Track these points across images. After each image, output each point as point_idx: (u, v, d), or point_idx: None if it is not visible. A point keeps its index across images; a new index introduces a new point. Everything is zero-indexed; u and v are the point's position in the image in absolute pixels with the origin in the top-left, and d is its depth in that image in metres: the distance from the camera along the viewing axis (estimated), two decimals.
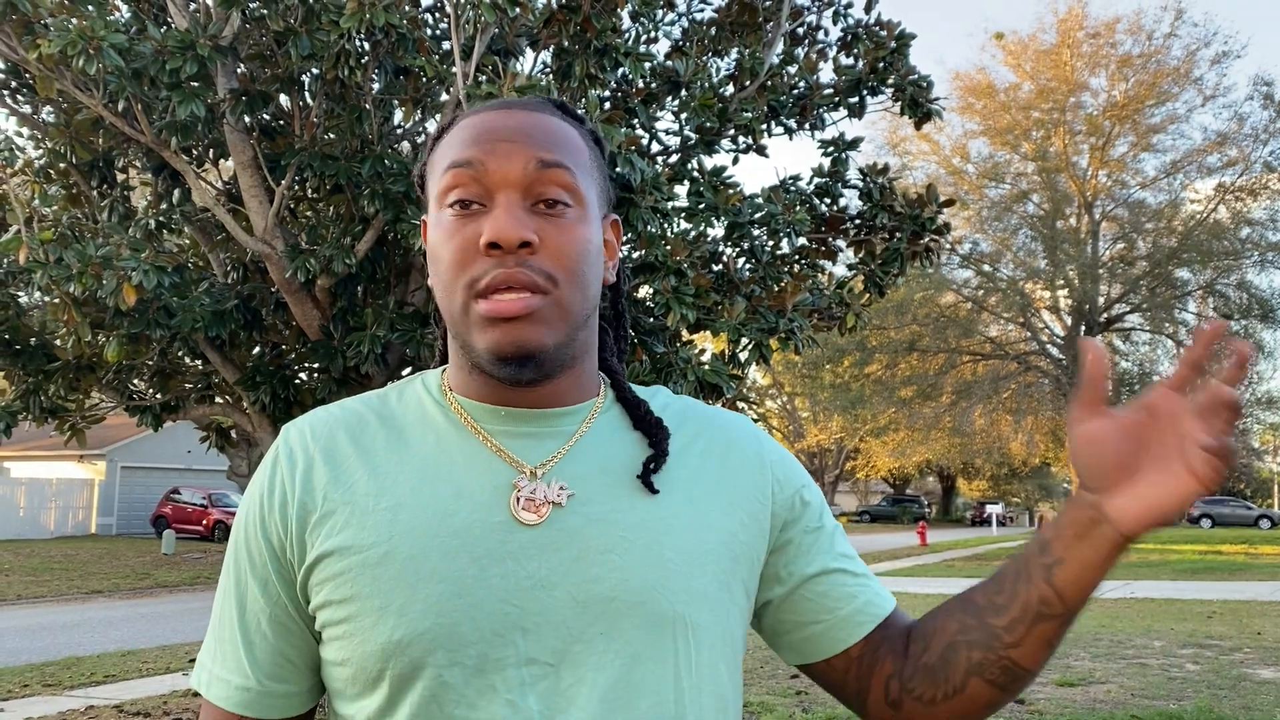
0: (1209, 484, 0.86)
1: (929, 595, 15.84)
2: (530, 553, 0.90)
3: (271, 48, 5.38)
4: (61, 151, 5.77)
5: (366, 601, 0.89)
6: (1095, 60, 27.56)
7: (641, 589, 0.91)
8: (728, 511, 0.98)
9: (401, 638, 0.88)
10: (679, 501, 0.96)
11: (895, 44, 6.55)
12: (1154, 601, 14.57)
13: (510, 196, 0.92)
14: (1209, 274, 26.46)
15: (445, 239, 0.93)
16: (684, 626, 0.92)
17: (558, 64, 5.61)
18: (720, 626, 0.95)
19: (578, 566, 0.90)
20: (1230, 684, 7.63)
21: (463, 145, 0.95)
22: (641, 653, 0.90)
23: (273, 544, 0.95)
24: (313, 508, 0.94)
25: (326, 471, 0.95)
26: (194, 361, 6.40)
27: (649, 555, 0.92)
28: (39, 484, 28.74)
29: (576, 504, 0.93)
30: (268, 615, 0.96)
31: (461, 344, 0.95)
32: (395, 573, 0.89)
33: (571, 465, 0.95)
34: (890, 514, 52.89)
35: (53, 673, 8.81)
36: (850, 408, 29.44)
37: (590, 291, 0.96)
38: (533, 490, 0.92)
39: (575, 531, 0.92)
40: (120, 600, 15.36)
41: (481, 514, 0.91)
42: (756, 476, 1.02)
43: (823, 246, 6.56)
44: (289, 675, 0.97)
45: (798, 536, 1.02)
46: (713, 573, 0.94)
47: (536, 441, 0.96)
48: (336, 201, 5.82)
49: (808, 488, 1.06)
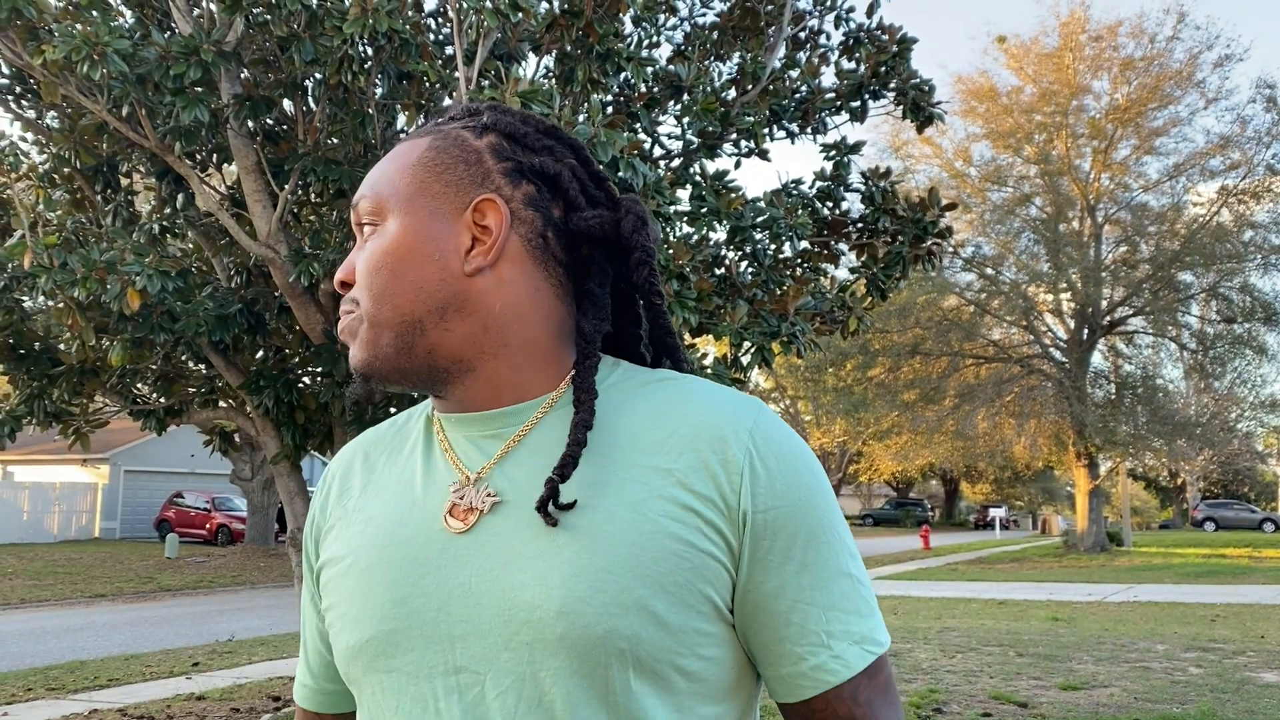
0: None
1: (932, 599, 15.82)
2: (463, 560, 0.89)
3: (275, 53, 5.40)
4: (66, 156, 5.79)
5: (336, 610, 0.96)
6: (1098, 63, 27.56)
7: (566, 599, 0.84)
8: (685, 517, 0.86)
9: (354, 643, 0.93)
10: (622, 504, 0.87)
11: (897, 48, 6.56)
12: (1157, 605, 14.55)
13: (360, 236, 1.00)
14: (1212, 277, 26.41)
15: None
16: (616, 641, 0.83)
17: (560, 69, 5.63)
18: (673, 646, 0.85)
19: (504, 574, 0.87)
20: (1234, 688, 7.62)
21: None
22: (566, 667, 0.84)
23: (310, 560, 1.05)
24: (323, 524, 1.04)
25: (337, 490, 1.04)
26: (197, 366, 6.42)
27: (578, 563, 0.85)
28: (43, 488, 28.76)
29: (509, 509, 0.89)
30: (314, 623, 1.08)
31: None
32: (354, 582, 0.95)
33: (509, 468, 0.92)
34: (893, 517, 52.85)
35: (56, 676, 8.82)
36: (853, 411, 29.41)
37: (388, 295, 0.93)
38: (461, 496, 0.92)
39: (505, 537, 0.88)
40: (124, 604, 15.37)
41: (428, 521, 0.93)
42: (728, 479, 0.88)
43: (825, 250, 6.56)
44: (336, 675, 1.06)
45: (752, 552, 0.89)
46: (659, 584, 0.84)
47: (481, 445, 0.95)
48: (339, 206, 5.83)
49: (796, 501, 0.90)
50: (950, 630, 11.45)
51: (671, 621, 0.85)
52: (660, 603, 0.84)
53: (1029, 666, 8.70)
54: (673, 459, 0.89)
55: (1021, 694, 7.43)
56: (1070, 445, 27.74)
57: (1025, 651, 9.55)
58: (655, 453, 0.90)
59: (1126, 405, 27.33)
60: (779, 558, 0.89)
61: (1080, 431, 26.29)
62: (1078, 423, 26.08)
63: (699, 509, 0.87)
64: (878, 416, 28.85)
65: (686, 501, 0.87)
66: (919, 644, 10.14)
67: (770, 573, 0.88)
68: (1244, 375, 28.71)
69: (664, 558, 0.85)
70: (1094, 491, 28.18)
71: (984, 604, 15.07)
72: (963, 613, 13.80)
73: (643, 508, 0.87)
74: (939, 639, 10.56)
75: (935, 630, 11.43)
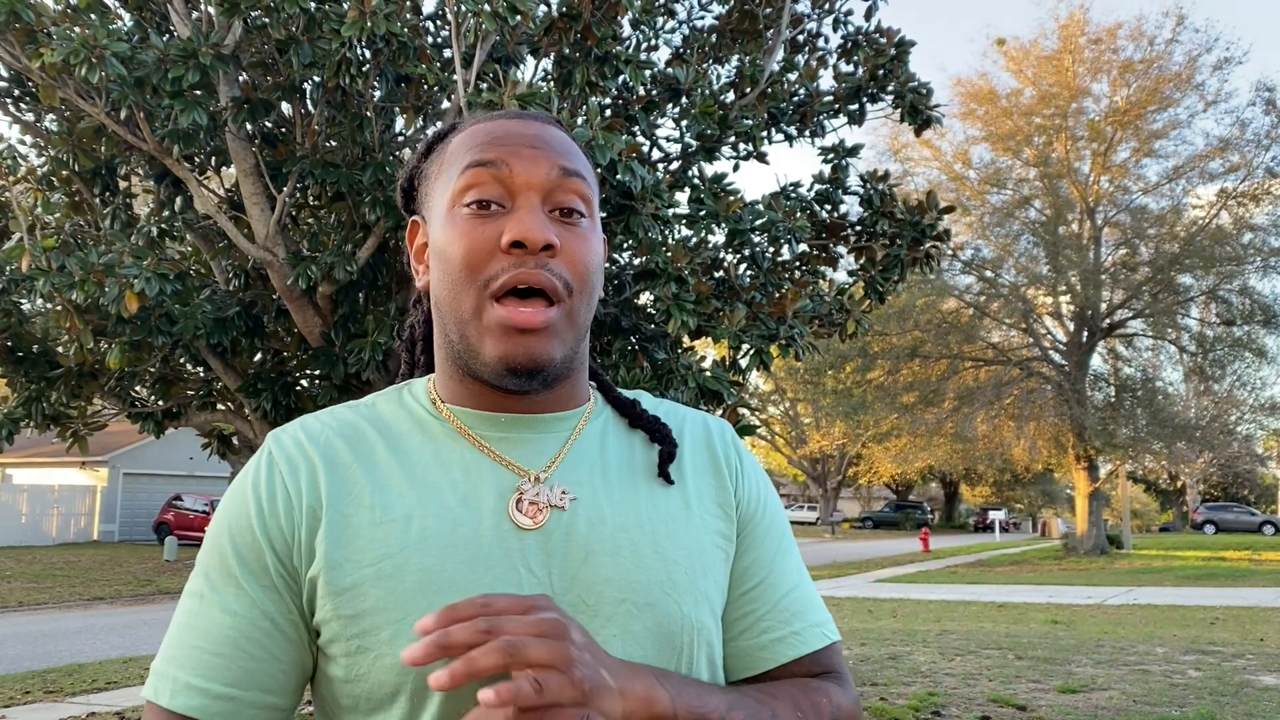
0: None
1: (932, 602, 15.82)
2: (539, 558, 0.90)
3: (273, 56, 5.40)
4: (64, 159, 5.79)
5: (381, 615, 0.86)
6: (1097, 66, 27.58)
7: (650, 589, 0.91)
8: (718, 513, 1.00)
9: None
10: (676, 503, 0.97)
11: (895, 51, 6.57)
12: (1156, 608, 14.55)
13: (533, 199, 0.92)
14: (1212, 280, 26.41)
15: (458, 237, 0.92)
16: (690, 627, 0.92)
17: (558, 72, 5.63)
18: (717, 634, 0.97)
19: (586, 570, 0.90)
20: (1232, 691, 7.61)
21: (483, 147, 0.95)
22: (651, 654, 0.90)
23: (275, 548, 0.90)
24: (320, 514, 0.91)
25: (330, 479, 0.92)
26: (195, 368, 6.42)
27: (655, 557, 0.92)
28: (41, 490, 28.74)
29: (579, 507, 0.93)
30: (261, 621, 0.90)
31: (464, 349, 0.94)
32: (411, 584, 0.87)
33: (571, 468, 0.95)
34: (893, 520, 52.86)
35: (55, 679, 8.81)
36: (852, 414, 29.41)
37: (595, 302, 0.97)
38: (535, 494, 0.92)
39: (580, 535, 0.92)
40: (122, 607, 15.36)
41: (490, 520, 0.91)
42: (730, 479, 1.03)
43: (823, 253, 6.57)
44: (274, 687, 0.91)
45: (741, 541, 1.02)
46: (712, 575, 0.96)
47: (536, 447, 0.96)
48: (338, 209, 5.83)
49: (765, 495, 1.06)
50: (949, 633, 11.44)
51: (718, 608, 0.97)
52: (714, 592, 0.96)
53: (1028, 669, 8.69)
54: (700, 463, 1.02)
55: (1020, 697, 7.42)
56: (1070, 448, 27.74)
57: (1024, 654, 9.55)
58: (687, 463, 1.01)
59: (1126, 408, 27.32)
60: (756, 540, 1.02)
61: (1080, 434, 26.29)
62: (1077, 425, 26.08)
63: (724, 506, 1.01)
64: (877, 419, 28.86)
65: (718, 499, 1.00)
66: (918, 647, 10.13)
67: (748, 552, 1.01)
68: (1244, 378, 28.69)
69: (712, 551, 0.97)
70: (1094, 494, 28.18)
71: (983, 607, 15.06)
72: (962, 615, 13.79)
73: (691, 508, 0.98)
74: (938, 642, 10.55)
75: (934, 633, 11.42)
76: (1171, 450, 27.64)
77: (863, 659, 9.28)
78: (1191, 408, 29.80)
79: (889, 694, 7.48)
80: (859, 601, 15.97)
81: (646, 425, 1.01)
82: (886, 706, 6.94)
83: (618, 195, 4.96)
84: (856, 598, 16.64)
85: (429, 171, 1.02)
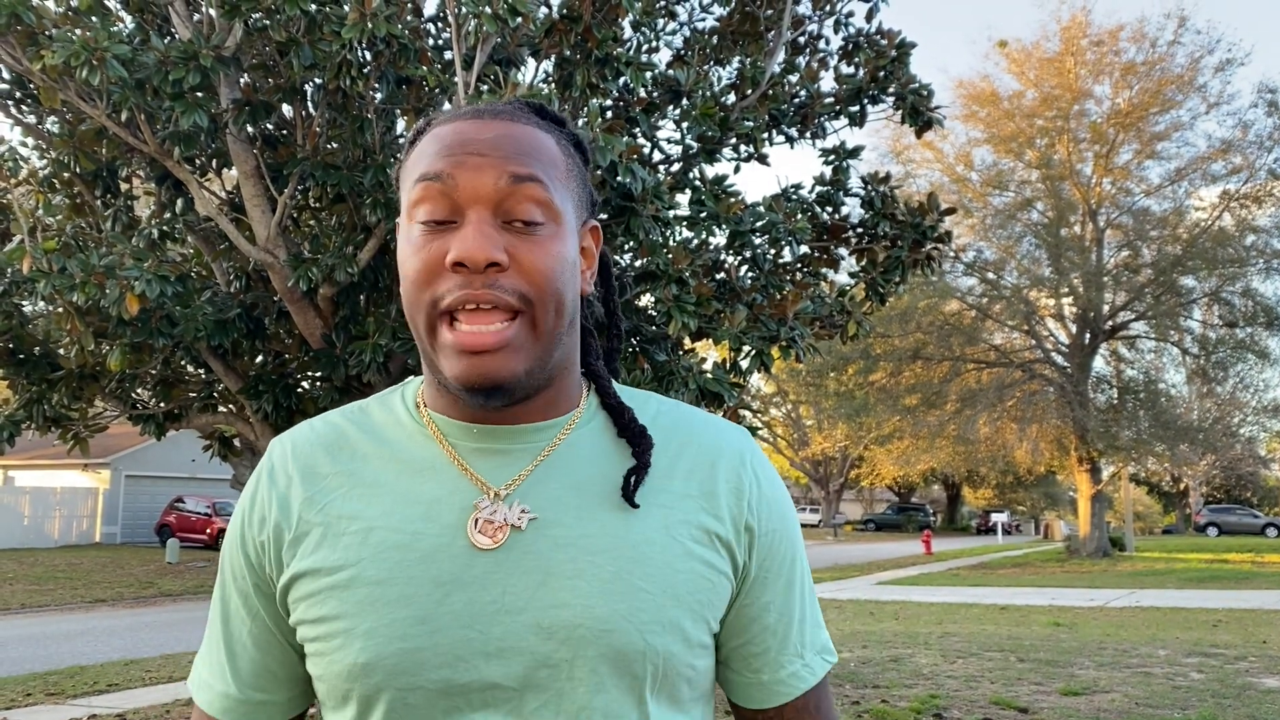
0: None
1: (934, 604, 15.81)
2: (495, 577, 0.88)
3: (274, 58, 5.41)
4: (65, 161, 5.80)
5: (334, 623, 0.89)
6: (1099, 68, 27.56)
7: (609, 618, 0.88)
8: (706, 540, 0.93)
9: (366, 661, 0.87)
10: (655, 526, 0.92)
11: (896, 53, 6.57)
12: (1159, 610, 14.52)
13: (481, 213, 0.88)
14: (1214, 281, 26.37)
15: (411, 254, 0.90)
16: (653, 657, 0.89)
17: (559, 73, 5.63)
18: (690, 660, 0.92)
19: (543, 592, 0.88)
20: (1235, 693, 7.60)
21: (433, 156, 0.91)
22: (605, 682, 0.88)
23: (251, 561, 0.96)
24: (287, 527, 0.94)
25: (303, 491, 0.95)
26: (197, 370, 6.42)
27: (618, 583, 0.89)
28: (43, 493, 28.77)
29: (542, 526, 0.90)
30: (249, 628, 0.98)
31: (429, 364, 0.93)
32: (362, 596, 0.88)
33: (541, 484, 0.92)
34: (895, 522, 52.83)
35: (56, 681, 8.81)
36: (854, 416, 29.36)
37: (565, 308, 0.92)
38: (492, 512, 0.90)
39: (541, 555, 0.89)
40: (124, 609, 15.36)
41: (447, 536, 0.90)
42: (735, 502, 0.96)
43: (824, 255, 6.57)
44: (269, 685, 0.99)
45: (754, 572, 0.97)
46: (687, 604, 0.91)
47: (506, 460, 0.93)
48: (339, 210, 5.84)
49: (785, 524, 1.00)
50: (951, 635, 11.43)
51: (692, 638, 0.92)
52: (687, 621, 0.91)
53: (1030, 672, 8.68)
54: (694, 484, 0.95)
55: (1022, 699, 7.41)
56: (1072, 450, 27.70)
57: (1026, 657, 9.53)
58: (678, 478, 0.95)
59: (1129, 410, 27.28)
60: (774, 575, 0.98)
61: (1082, 436, 26.26)
62: (1080, 427, 26.04)
63: (717, 531, 0.94)
64: (879, 421, 28.82)
65: (708, 525, 0.94)
66: (920, 649, 10.12)
67: (766, 588, 0.98)
68: (1246, 380, 28.64)
69: (691, 579, 0.91)
70: (1096, 496, 28.14)
71: (985, 609, 15.05)
72: (964, 618, 13.78)
73: (673, 531, 0.92)
74: (940, 644, 10.54)
75: (936, 635, 11.41)
76: (1174, 452, 27.61)
77: (865, 661, 9.27)
78: (1194, 410, 29.76)
79: (891, 696, 7.47)
80: (861, 604, 15.96)
81: (630, 435, 0.96)
82: (888, 709, 6.93)
83: (618, 197, 4.96)
84: (859, 600, 16.63)
85: (401, 175, 0.98)
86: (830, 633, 9.65)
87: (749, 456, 0.99)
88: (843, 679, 8.21)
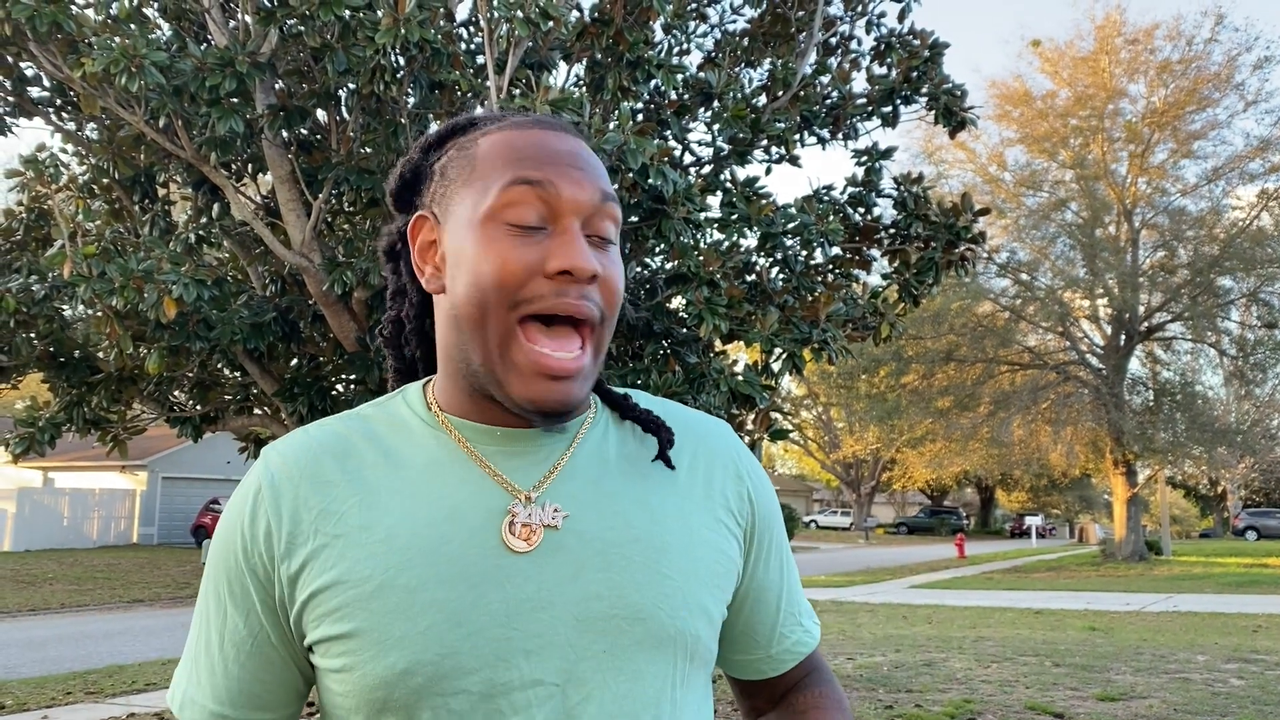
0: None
1: (967, 608, 15.68)
2: (527, 574, 0.89)
3: (309, 64, 5.46)
4: (104, 167, 5.89)
5: (366, 635, 0.87)
6: (1134, 67, 27.26)
7: (642, 605, 0.91)
8: (715, 526, 0.99)
9: (404, 669, 0.86)
10: (672, 515, 0.96)
11: (929, 53, 6.53)
12: (1197, 615, 14.33)
13: (575, 225, 0.90)
14: (1252, 282, 25.98)
15: (494, 254, 0.89)
16: (684, 641, 0.93)
17: (591, 77, 5.64)
18: (711, 642, 0.98)
19: (575, 585, 0.90)
20: (1277, 700, 7.48)
21: (527, 163, 0.91)
22: (643, 669, 0.91)
23: (258, 575, 0.92)
24: (302, 541, 0.91)
25: (315, 501, 0.92)
26: (233, 373, 6.49)
27: (647, 572, 0.92)
28: (82, 494, 29.16)
29: (571, 523, 0.92)
30: (249, 645, 0.93)
31: (486, 376, 0.91)
32: (393, 604, 0.87)
33: (566, 484, 0.94)
34: (928, 526, 52.45)
35: (95, 680, 8.93)
36: (886, 418, 29.20)
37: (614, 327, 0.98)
38: (528, 516, 0.91)
39: (571, 550, 0.91)
40: (161, 609, 15.55)
41: (477, 538, 0.90)
42: (736, 487, 1.02)
43: (857, 256, 6.54)
44: (266, 704, 0.95)
45: (754, 552, 1.04)
46: (709, 587, 0.96)
47: (531, 461, 0.94)
48: (373, 214, 5.88)
49: (774, 504, 1.07)
50: (985, 640, 11.33)
51: (715, 618, 0.97)
52: (711, 603, 0.96)
53: (1065, 677, 8.58)
54: (698, 474, 1.01)
55: (1058, 705, 7.33)
56: (1108, 453, 27.39)
57: (1062, 661, 9.43)
58: (683, 469, 1.00)
59: (1165, 412, 26.94)
60: (768, 553, 1.05)
61: (1118, 439, 25.95)
62: (1115, 430, 25.75)
63: (724, 519, 1.00)
64: (911, 424, 28.65)
65: (717, 514, 0.99)
66: (954, 653, 10.04)
67: (766, 566, 1.05)
68: None
69: (710, 565, 0.97)
70: (1132, 500, 27.80)
71: (1020, 613, 14.91)
72: (998, 622, 13.66)
73: (689, 520, 0.97)
74: (974, 648, 10.45)
75: (970, 639, 11.32)
76: (1211, 455, 27.24)
77: (898, 665, 9.21)
78: (1232, 412, 29.35)
79: (924, 700, 7.42)
80: (894, 608, 15.86)
81: (638, 418, 1.01)
82: (922, 713, 6.88)
83: (649, 200, 4.96)
84: (891, 604, 16.53)
85: (450, 172, 0.96)
86: (863, 637, 9.58)
87: (737, 445, 1.07)
88: (876, 683, 8.16)
